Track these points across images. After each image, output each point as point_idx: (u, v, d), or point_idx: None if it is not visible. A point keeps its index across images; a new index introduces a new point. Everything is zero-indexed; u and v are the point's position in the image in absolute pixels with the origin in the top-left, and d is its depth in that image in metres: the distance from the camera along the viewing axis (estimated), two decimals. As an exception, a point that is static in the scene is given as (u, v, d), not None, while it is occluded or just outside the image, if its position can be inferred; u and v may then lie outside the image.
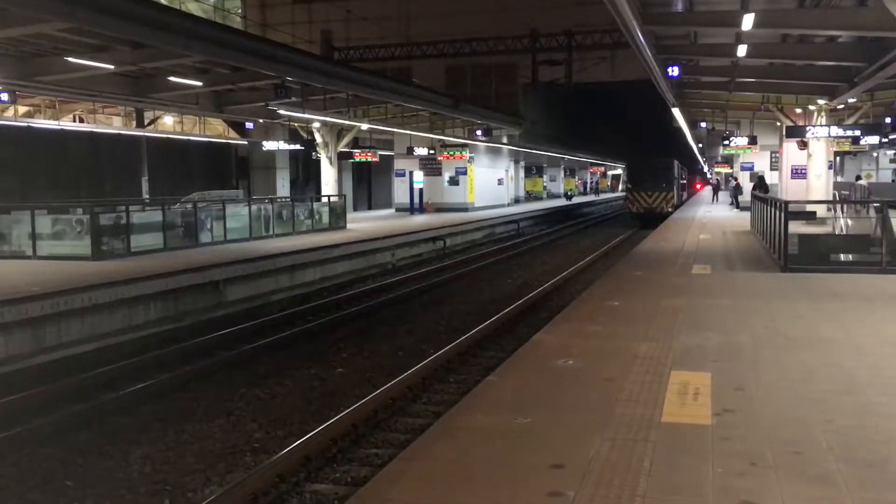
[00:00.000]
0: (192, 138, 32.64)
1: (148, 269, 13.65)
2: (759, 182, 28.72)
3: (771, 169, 33.75)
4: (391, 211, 37.52)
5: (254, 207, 21.45)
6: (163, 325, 13.04)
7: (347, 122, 27.14)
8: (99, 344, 11.64)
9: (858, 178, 37.53)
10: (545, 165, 56.42)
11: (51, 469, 7.24)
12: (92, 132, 27.80)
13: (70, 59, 16.54)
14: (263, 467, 6.73)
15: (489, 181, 40.19)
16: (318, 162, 29.73)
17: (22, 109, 28.48)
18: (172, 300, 13.44)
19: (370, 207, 42.99)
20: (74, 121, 30.35)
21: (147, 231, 17.17)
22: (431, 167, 36.40)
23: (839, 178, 34.74)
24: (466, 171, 36.62)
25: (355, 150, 32.60)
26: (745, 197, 30.80)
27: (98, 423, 8.53)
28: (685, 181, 53.96)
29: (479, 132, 35.68)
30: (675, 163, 39.22)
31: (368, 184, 44.49)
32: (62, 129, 26.61)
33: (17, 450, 7.62)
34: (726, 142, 30.33)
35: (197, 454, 7.61)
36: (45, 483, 6.93)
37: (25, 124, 25.56)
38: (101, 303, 11.81)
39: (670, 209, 35.60)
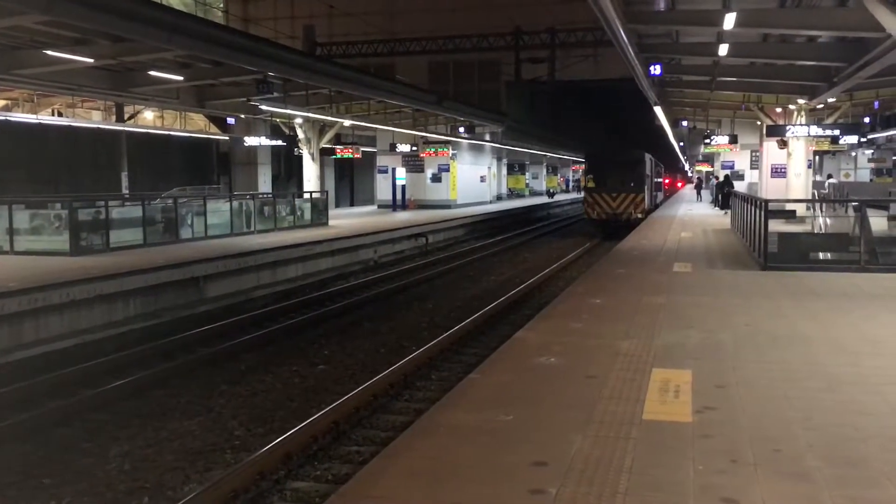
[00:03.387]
0: (172, 133, 32.39)
1: (127, 264, 13.53)
2: (726, 179, 31.85)
3: (751, 168, 34.02)
4: (373, 207, 37.45)
5: (235, 203, 21.32)
6: (142, 321, 12.94)
7: (330, 118, 27.06)
8: (77, 340, 11.54)
9: (830, 176, 38.07)
10: (528, 163, 56.60)
11: (28, 466, 7.15)
12: (71, 126, 27.53)
13: (49, 52, 16.35)
14: (244, 465, 6.69)
15: (472, 178, 40.22)
16: (300, 158, 29.62)
17: (0, 103, 28.13)
18: (152, 296, 13.33)
19: (352, 204, 42.89)
20: (53, 114, 30.00)
21: (127, 226, 17.03)
22: (414, 164, 36.38)
23: (818, 178, 35.10)
24: (449, 167, 36.64)
25: (338, 147, 32.48)
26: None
27: (77, 420, 8.44)
28: (660, 179, 46.17)
29: (461, 129, 35.68)
30: (648, 157, 32.07)
31: (351, 180, 44.38)
32: (41, 123, 26.31)
33: (-6, 447, 7.53)
34: (707, 140, 30.53)
35: (177, 451, 7.55)
36: (22, 480, 6.85)
37: (3, 118, 25.24)
38: (80, 299, 11.70)
39: (640, 215, 29.18)
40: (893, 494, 3.96)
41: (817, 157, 36.37)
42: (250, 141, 29.00)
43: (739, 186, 30.68)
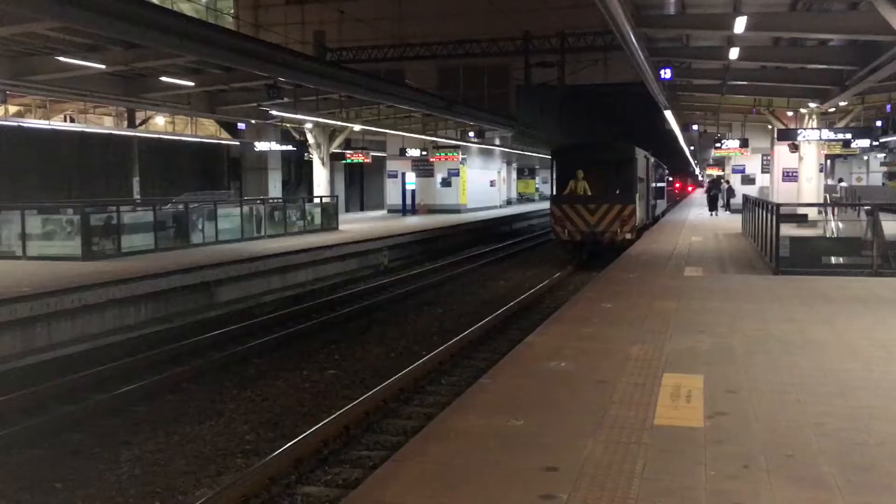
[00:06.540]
0: (183, 139, 32.51)
1: (138, 269, 13.59)
2: (712, 183, 34.51)
3: (762, 171, 33.89)
4: (383, 212, 37.49)
5: (245, 208, 21.38)
6: (154, 326, 12.98)
7: (340, 124, 27.10)
8: (89, 345, 11.59)
9: (841, 180, 37.93)
10: (537, 167, 56.45)
11: (40, 470, 7.18)
12: (83, 132, 27.68)
13: (61, 58, 16.46)
14: (255, 469, 6.70)
15: (481, 183, 40.21)
16: (310, 163, 29.72)
17: (12, 109, 28.31)
18: (163, 301, 13.38)
19: (362, 208, 42.98)
20: (65, 120, 30.17)
21: (138, 231, 17.12)
22: (424, 168, 36.40)
23: (829, 181, 34.96)
24: (459, 172, 36.63)
25: (347, 151, 32.55)
26: (737, 199, 30.93)
27: (88, 425, 8.47)
28: (663, 184, 36.31)
29: (471, 134, 35.68)
30: (642, 154, 23.55)
31: (360, 185, 44.49)
32: (53, 129, 26.46)
33: (6, 451, 7.55)
34: (718, 144, 30.43)
35: (188, 456, 7.56)
36: (34, 485, 6.87)
37: (16, 124, 25.42)
38: (92, 303, 11.75)
39: (628, 234, 20.62)
40: (908, 500, 3.93)
41: (829, 161, 36.20)
42: (261, 146, 29.10)
43: (751, 191, 30.53)
